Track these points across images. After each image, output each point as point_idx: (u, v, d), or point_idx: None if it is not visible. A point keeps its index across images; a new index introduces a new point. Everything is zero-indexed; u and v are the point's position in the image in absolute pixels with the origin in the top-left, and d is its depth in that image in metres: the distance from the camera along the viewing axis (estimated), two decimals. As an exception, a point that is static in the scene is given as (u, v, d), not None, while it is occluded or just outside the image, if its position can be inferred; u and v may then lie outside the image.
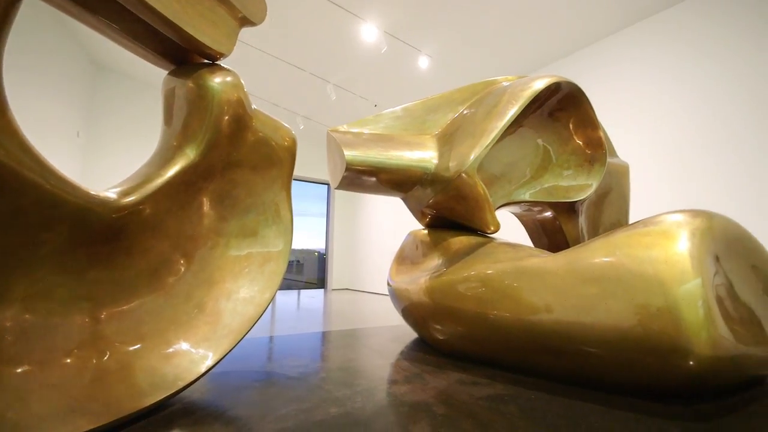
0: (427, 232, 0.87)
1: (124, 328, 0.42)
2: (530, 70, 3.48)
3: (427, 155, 0.77)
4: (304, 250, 7.05)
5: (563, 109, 0.78)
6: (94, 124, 3.80)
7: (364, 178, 0.75)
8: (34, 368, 0.35)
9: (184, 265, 0.48)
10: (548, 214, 0.88)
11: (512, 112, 0.68)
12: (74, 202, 0.38)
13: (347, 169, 0.72)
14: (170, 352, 0.43)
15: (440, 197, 0.74)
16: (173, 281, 0.47)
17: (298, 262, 7.15)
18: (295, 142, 0.59)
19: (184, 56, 0.53)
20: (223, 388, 0.49)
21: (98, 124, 3.84)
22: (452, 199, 0.73)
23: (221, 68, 0.52)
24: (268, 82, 3.99)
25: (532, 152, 0.82)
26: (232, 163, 0.52)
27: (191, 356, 0.43)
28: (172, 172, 0.47)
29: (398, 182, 0.77)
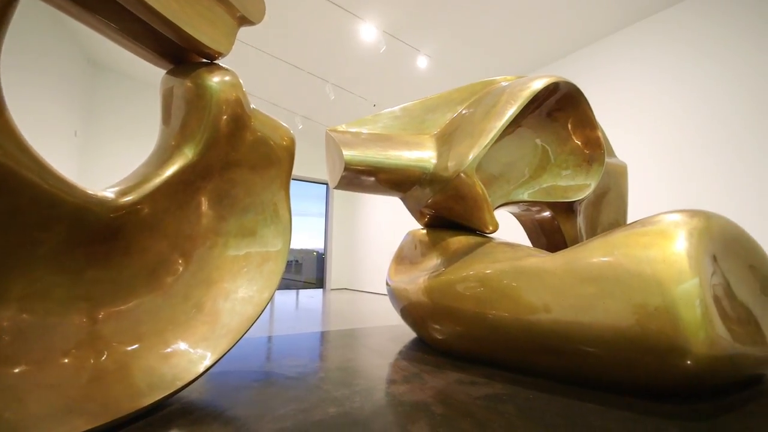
0: (425, 231, 0.87)
1: (122, 328, 0.42)
2: (529, 70, 3.49)
3: (425, 155, 0.77)
4: (302, 249, 7.04)
5: (562, 109, 0.78)
6: (92, 123, 3.79)
7: (362, 177, 0.75)
8: (31, 368, 0.35)
9: (182, 264, 0.48)
10: (547, 214, 0.88)
11: (511, 112, 0.68)
12: (72, 201, 0.38)
13: (346, 168, 0.72)
14: (168, 352, 0.43)
15: (439, 197, 0.74)
16: (171, 281, 0.47)
17: (296, 261, 7.15)
18: (293, 141, 0.59)
19: (182, 55, 0.53)
20: (221, 388, 0.49)
21: (96, 123, 3.83)
22: (451, 198, 0.73)
23: (220, 67, 0.52)
24: (266, 81, 3.99)
25: (530, 152, 0.82)
26: (230, 162, 0.52)
27: (189, 356, 0.43)
28: (170, 171, 0.47)
29: (397, 182, 0.77)
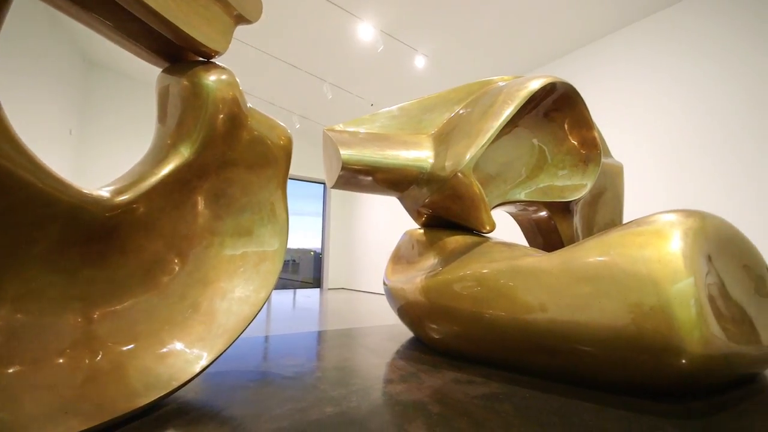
0: (423, 231, 0.87)
1: (117, 327, 0.41)
2: (527, 70, 3.50)
3: (423, 155, 0.77)
4: (299, 249, 7.03)
5: (558, 109, 0.78)
6: (86, 121, 3.76)
7: (360, 177, 0.75)
8: (26, 368, 0.34)
9: (178, 264, 0.48)
10: (543, 213, 0.89)
11: (508, 112, 0.68)
12: (67, 200, 0.38)
13: (343, 168, 0.72)
14: (164, 352, 0.42)
15: (436, 197, 0.74)
16: (167, 281, 0.47)
17: (293, 261, 7.13)
18: (290, 140, 0.59)
19: (178, 54, 0.53)
20: (218, 388, 0.49)
21: (91, 121, 3.80)
22: (448, 198, 0.73)
23: (216, 66, 0.52)
24: (264, 80, 3.97)
25: (527, 152, 0.82)
26: (227, 161, 0.52)
27: (186, 356, 0.43)
28: (166, 170, 0.47)
29: (394, 182, 0.77)
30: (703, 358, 0.39)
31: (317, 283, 6.42)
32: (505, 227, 1.01)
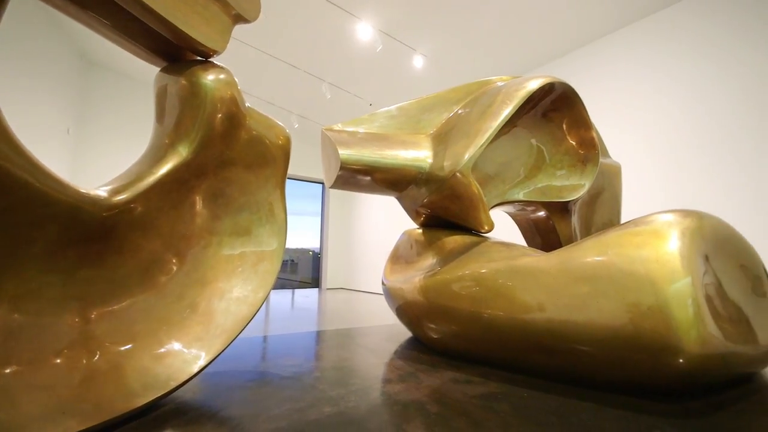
0: (421, 231, 0.87)
1: (114, 328, 0.41)
2: (525, 70, 3.50)
3: (421, 154, 0.77)
4: (298, 249, 7.03)
5: (557, 109, 0.79)
6: (84, 121, 3.75)
7: (358, 177, 0.75)
8: (23, 368, 0.34)
9: (176, 264, 0.48)
10: (542, 213, 0.89)
11: (506, 112, 0.68)
12: (64, 200, 0.37)
13: (342, 168, 0.72)
14: (162, 352, 0.42)
15: (435, 196, 0.74)
16: (165, 280, 0.47)
17: (292, 261, 7.13)
18: (289, 140, 0.59)
19: (176, 53, 0.52)
20: (216, 388, 0.49)
21: (89, 121, 3.79)
22: (447, 198, 0.73)
23: (214, 65, 0.52)
24: (262, 80, 3.97)
25: (525, 152, 0.82)
26: (225, 161, 0.52)
27: (184, 356, 0.43)
28: (164, 170, 0.47)
29: (393, 181, 0.77)
30: (700, 357, 0.39)
31: (316, 283, 6.42)
32: (503, 227, 1.02)
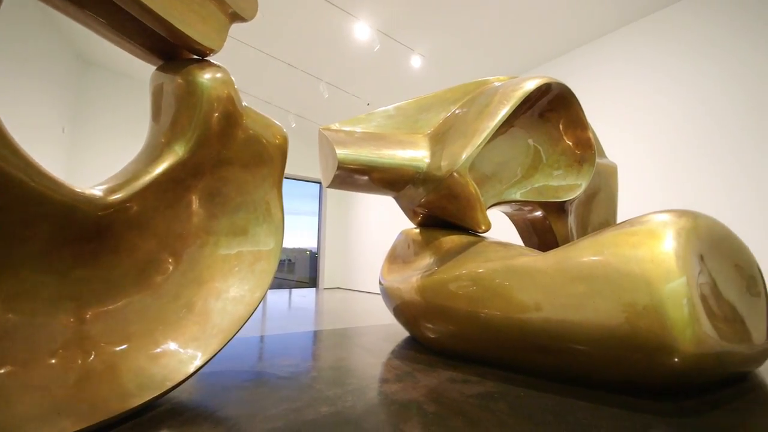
0: (418, 231, 0.87)
1: (110, 328, 0.41)
2: (524, 70, 3.51)
3: (419, 154, 0.77)
4: (295, 248, 7.02)
5: (554, 109, 0.79)
6: (79, 120, 3.72)
7: (356, 176, 0.75)
8: (17, 369, 0.34)
9: (172, 263, 0.48)
10: (538, 213, 0.89)
11: (504, 112, 0.69)
12: (59, 199, 0.37)
13: (339, 167, 0.72)
14: (158, 352, 0.42)
15: (432, 196, 0.74)
16: (161, 280, 0.47)
17: (289, 260, 7.12)
18: (286, 139, 0.59)
19: (172, 52, 0.52)
20: (212, 388, 0.49)
21: (84, 120, 3.76)
22: (444, 198, 0.73)
23: (211, 64, 0.52)
24: (259, 79, 3.95)
25: (523, 152, 0.82)
26: (222, 160, 0.52)
27: (180, 356, 0.43)
28: (160, 169, 0.46)
29: (390, 181, 0.77)
30: (695, 356, 0.39)
31: (313, 282, 6.41)
32: (500, 227, 1.02)
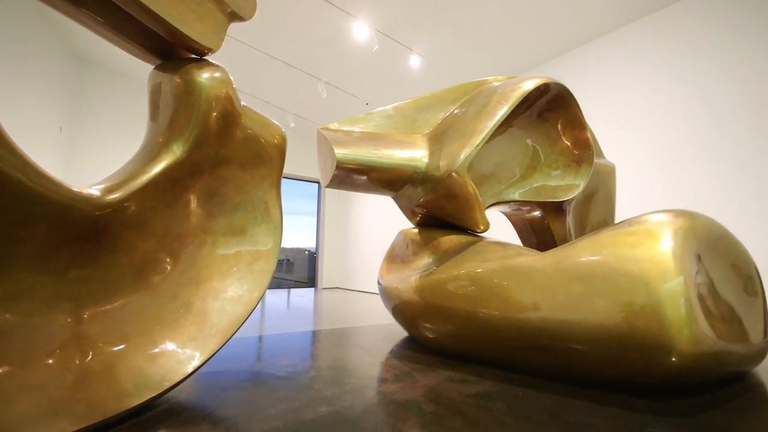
0: (417, 230, 0.87)
1: (107, 328, 0.41)
2: (523, 70, 3.51)
3: (417, 154, 0.77)
4: (294, 248, 7.02)
5: (552, 110, 0.79)
6: (77, 119, 3.71)
7: (354, 176, 0.75)
8: (14, 369, 0.34)
9: (170, 263, 0.48)
10: (537, 213, 0.89)
11: (502, 112, 0.69)
12: (56, 199, 0.37)
13: (338, 167, 0.72)
14: (156, 352, 0.42)
15: (431, 196, 0.74)
16: (159, 280, 0.46)
17: (288, 260, 7.12)
18: (285, 139, 0.58)
19: (170, 51, 0.52)
20: (210, 388, 0.49)
21: (82, 119, 3.75)
22: (442, 198, 0.73)
23: (209, 63, 0.51)
24: (258, 78, 3.95)
25: (521, 152, 0.83)
26: (220, 160, 0.52)
27: (178, 356, 0.42)
28: (158, 168, 0.46)
29: (389, 181, 0.77)
30: (692, 356, 0.39)
31: (311, 282, 6.41)
32: (499, 227, 1.02)
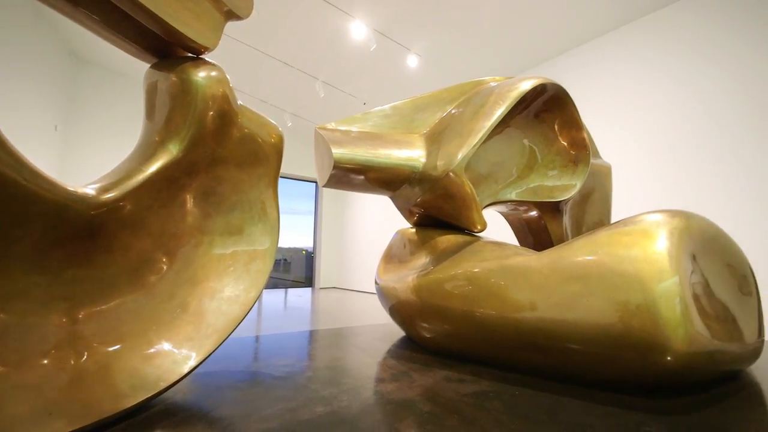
0: (414, 230, 0.87)
1: (103, 328, 0.41)
2: (521, 70, 3.52)
3: (415, 154, 0.77)
4: (291, 248, 7.00)
5: (549, 110, 0.79)
6: (72, 117, 3.68)
7: (351, 176, 0.75)
8: (9, 369, 0.34)
9: (166, 263, 0.47)
10: (533, 213, 0.89)
11: (499, 112, 0.69)
12: (51, 198, 0.37)
13: (335, 167, 0.72)
14: (152, 352, 0.42)
15: (428, 196, 0.75)
16: (155, 280, 0.46)
17: (285, 260, 7.10)
18: (282, 139, 0.58)
19: (167, 49, 0.52)
20: (206, 388, 0.48)
21: (77, 117, 3.72)
22: (440, 198, 0.73)
23: (206, 62, 0.51)
24: (255, 78, 3.94)
25: (518, 152, 0.83)
26: (217, 159, 0.51)
27: (174, 356, 0.42)
28: (153, 168, 0.46)
29: (386, 181, 0.77)
30: (687, 355, 0.40)
31: (309, 282, 6.40)
32: (496, 227, 1.02)
